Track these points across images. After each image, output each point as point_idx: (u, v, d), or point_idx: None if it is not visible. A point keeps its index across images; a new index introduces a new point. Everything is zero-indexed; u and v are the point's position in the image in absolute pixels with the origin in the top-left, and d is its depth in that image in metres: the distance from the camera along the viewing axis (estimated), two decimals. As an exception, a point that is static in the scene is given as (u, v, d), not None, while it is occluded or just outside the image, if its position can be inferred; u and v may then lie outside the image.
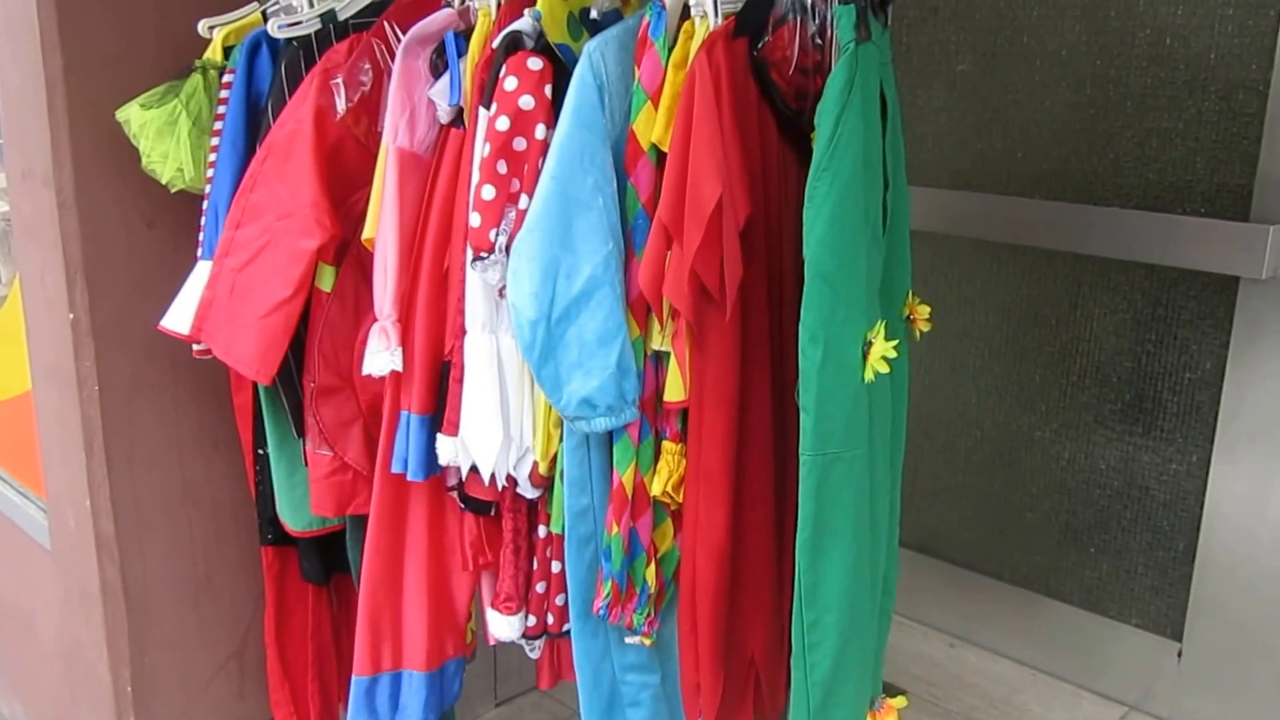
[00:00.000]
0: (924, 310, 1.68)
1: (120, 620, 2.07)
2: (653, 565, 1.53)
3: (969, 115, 2.31)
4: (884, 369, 1.35)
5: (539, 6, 1.44)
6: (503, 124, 1.45)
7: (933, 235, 2.35)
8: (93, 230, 1.92)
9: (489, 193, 1.46)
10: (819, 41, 1.41)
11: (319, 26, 1.74)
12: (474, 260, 1.48)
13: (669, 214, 1.35)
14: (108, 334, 1.96)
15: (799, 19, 1.40)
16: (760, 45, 1.40)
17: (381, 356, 1.61)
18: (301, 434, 1.80)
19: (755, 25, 1.39)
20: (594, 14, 1.47)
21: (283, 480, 1.88)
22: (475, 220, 1.47)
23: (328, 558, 1.97)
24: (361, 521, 1.84)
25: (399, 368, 1.62)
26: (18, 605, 2.50)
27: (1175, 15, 2.03)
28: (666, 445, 1.48)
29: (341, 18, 1.76)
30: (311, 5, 1.77)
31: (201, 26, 1.84)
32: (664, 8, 1.40)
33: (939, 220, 2.31)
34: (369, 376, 1.63)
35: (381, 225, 1.61)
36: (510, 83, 1.46)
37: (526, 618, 1.69)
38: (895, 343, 1.36)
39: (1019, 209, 2.22)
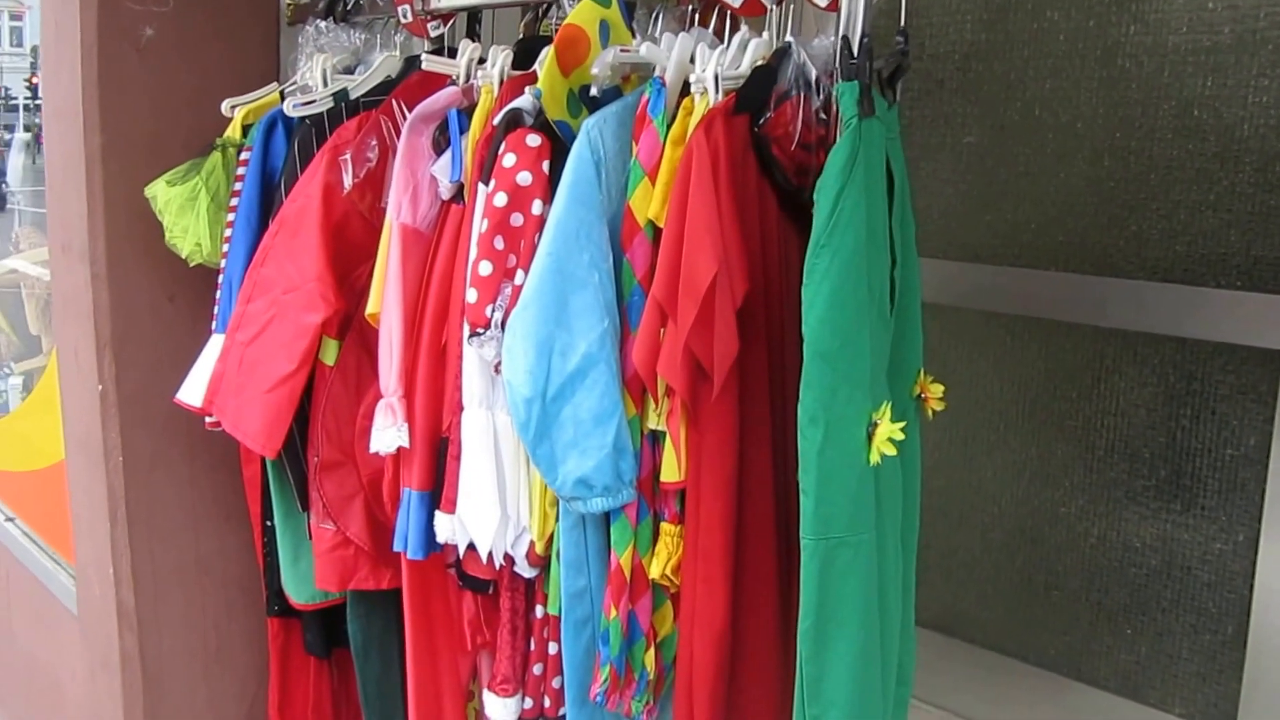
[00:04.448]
0: (936, 389, 1.63)
1: (137, 691, 2.07)
2: (652, 650, 1.49)
3: (976, 188, 2.27)
4: (890, 451, 1.30)
5: (539, 84, 1.44)
6: (500, 200, 1.45)
7: (941, 308, 2.29)
8: (122, 303, 1.96)
9: (485, 268, 1.46)
10: (823, 117, 1.40)
11: (331, 105, 1.77)
12: (470, 336, 1.47)
13: (663, 291, 1.33)
14: (133, 406, 1.98)
15: (802, 94, 1.38)
16: (762, 121, 1.38)
17: (389, 433, 1.60)
18: (306, 508, 1.79)
19: (757, 101, 1.38)
20: (594, 91, 1.47)
21: (287, 553, 1.87)
22: (471, 296, 1.46)
23: (330, 631, 1.96)
24: (362, 596, 1.83)
25: (406, 444, 1.61)
26: (49, 669, 2.52)
27: (1203, 87, 1.99)
28: (665, 527, 1.45)
29: (354, 96, 1.78)
30: (326, 84, 1.79)
31: (224, 106, 1.88)
32: (664, 85, 1.40)
33: (947, 293, 2.26)
34: (370, 452, 1.62)
35: (385, 301, 1.61)
36: (509, 159, 1.46)
37: (524, 700, 1.65)
38: (903, 424, 1.31)
39: (1031, 281, 2.17)
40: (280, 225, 1.71)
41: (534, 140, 1.46)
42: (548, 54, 1.45)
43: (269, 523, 1.90)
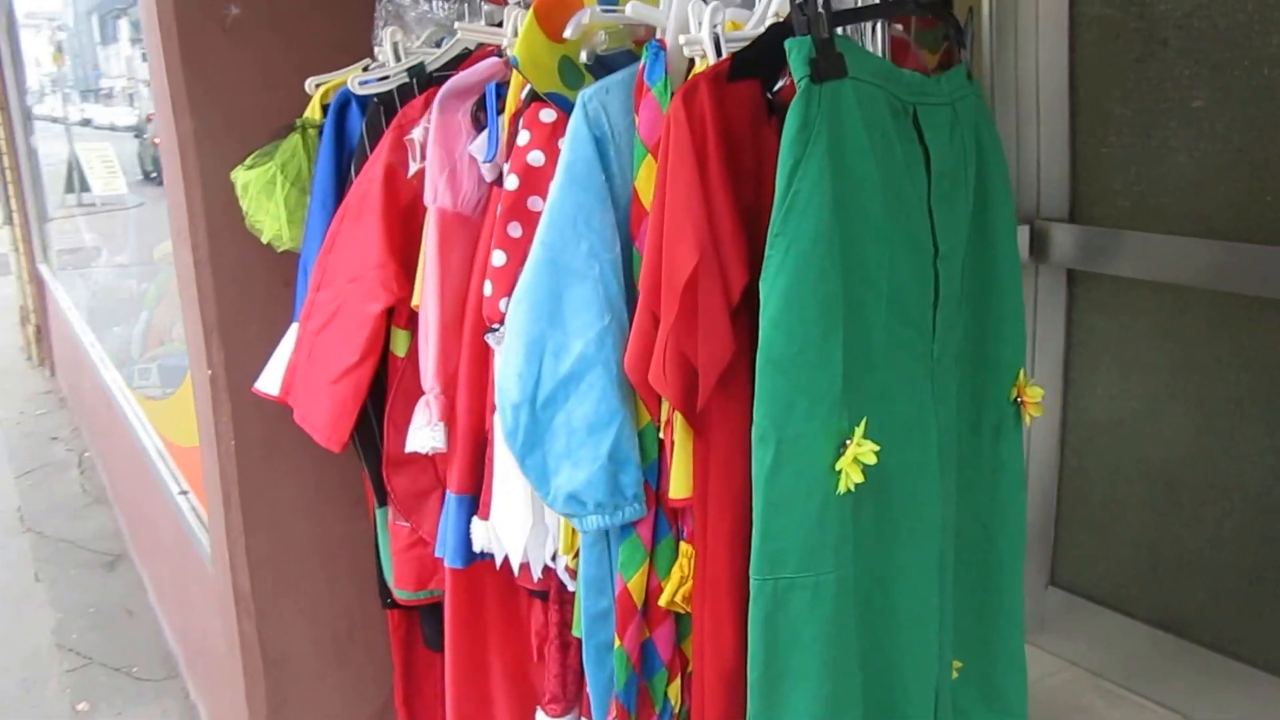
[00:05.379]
0: (1035, 393, 1.37)
1: (258, 675, 2.08)
2: (678, 681, 1.33)
3: (1209, 156, 1.95)
4: (857, 476, 1.08)
5: (514, 51, 1.29)
6: (512, 183, 1.33)
7: (1174, 287, 2.05)
8: (228, 288, 1.95)
9: (499, 258, 1.34)
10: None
11: (405, 81, 1.68)
12: (487, 331, 1.36)
13: (648, 286, 1.16)
14: (244, 392, 1.97)
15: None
16: (777, 87, 1.18)
17: (423, 432, 1.51)
18: (384, 503, 1.73)
19: (766, 64, 1.18)
20: (584, 58, 1.30)
21: (385, 547, 1.82)
22: (487, 288, 1.35)
23: (448, 625, 1.89)
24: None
25: (441, 445, 1.51)
26: (218, 645, 2.59)
27: None
28: (683, 547, 1.28)
29: (430, 70, 1.69)
30: (399, 59, 1.71)
31: (309, 84, 1.82)
32: (662, 48, 1.21)
33: (1180, 271, 2.02)
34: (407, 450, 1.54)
35: (424, 291, 1.51)
36: (522, 137, 1.33)
37: (577, 721, 1.53)
38: (876, 447, 1.09)
39: (1270, 259, 1.84)
40: (346, 211, 1.65)
41: (548, 115, 1.32)
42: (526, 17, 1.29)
43: (376, 514, 1.85)
